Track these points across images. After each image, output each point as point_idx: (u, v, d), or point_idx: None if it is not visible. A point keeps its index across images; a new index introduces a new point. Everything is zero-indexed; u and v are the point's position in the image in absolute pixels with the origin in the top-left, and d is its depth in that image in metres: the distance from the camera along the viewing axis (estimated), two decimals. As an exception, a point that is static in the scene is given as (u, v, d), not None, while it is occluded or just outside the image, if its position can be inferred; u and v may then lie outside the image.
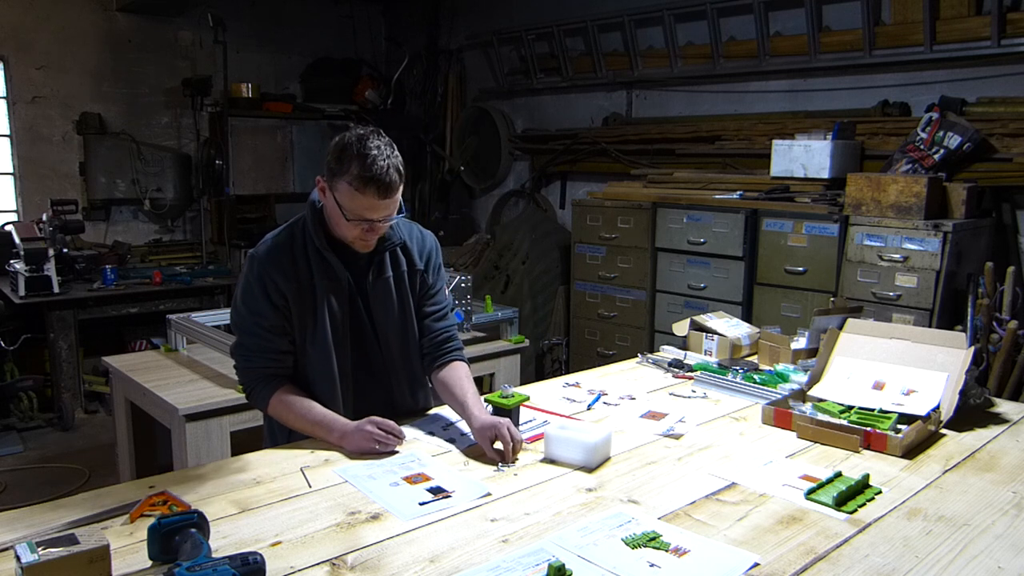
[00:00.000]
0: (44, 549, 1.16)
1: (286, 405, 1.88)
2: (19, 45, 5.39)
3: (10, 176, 5.54)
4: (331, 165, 1.79)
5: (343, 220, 1.80)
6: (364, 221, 1.80)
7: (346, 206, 1.78)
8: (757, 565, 1.32)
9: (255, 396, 1.93)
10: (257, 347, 1.89)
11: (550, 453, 1.78)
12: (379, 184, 1.74)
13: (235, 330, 1.94)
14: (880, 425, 1.89)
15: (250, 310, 1.88)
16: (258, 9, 6.40)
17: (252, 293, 1.86)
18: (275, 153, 6.48)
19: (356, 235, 1.84)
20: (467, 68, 6.41)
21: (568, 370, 4.75)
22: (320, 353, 1.91)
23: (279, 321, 1.88)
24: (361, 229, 1.82)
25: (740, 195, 3.98)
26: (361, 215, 1.78)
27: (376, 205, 1.77)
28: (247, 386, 1.94)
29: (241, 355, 1.93)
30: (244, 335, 1.91)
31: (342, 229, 1.84)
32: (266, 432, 2.08)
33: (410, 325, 2.03)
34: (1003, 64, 3.61)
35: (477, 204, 6.41)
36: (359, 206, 1.77)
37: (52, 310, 4.63)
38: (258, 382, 1.91)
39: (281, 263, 1.86)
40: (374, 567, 1.31)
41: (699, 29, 4.68)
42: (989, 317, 3.09)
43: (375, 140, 1.77)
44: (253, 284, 1.86)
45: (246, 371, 1.93)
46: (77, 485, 3.86)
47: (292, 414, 1.88)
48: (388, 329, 1.98)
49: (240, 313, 1.90)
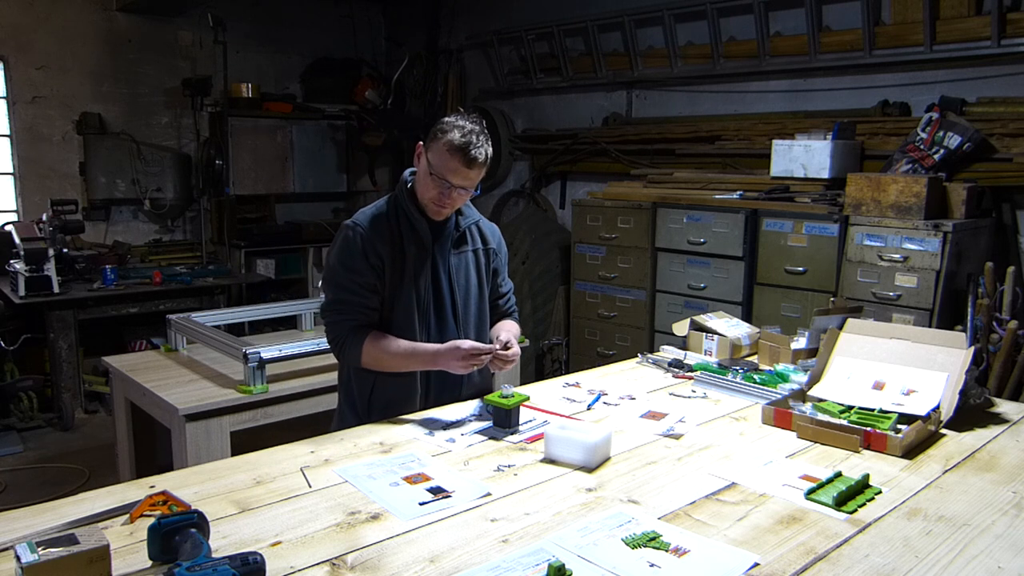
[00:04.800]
0: (44, 549, 1.16)
1: (378, 347, 2.06)
2: (19, 45, 5.39)
3: (10, 176, 5.54)
4: (433, 131, 2.02)
5: (428, 178, 2.02)
6: (444, 182, 2.00)
7: (434, 164, 2.00)
8: (757, 565, 1.32)
9: (347, 348, 2.08)
10: (352, 302, 2.07)
11: (550, 453, 1.78)
12: (467, 153, 1.97)
13: (330, 289, 2.10)
14: (880, 425, 1.89)
15: (348, 268, 2.06)
16: (258, 9, 6.40)
17: (352, 253, 2.06)
18: (275, 153, 6.48)
19: (433, 196, 2.04)
20: (467, 68, 6.41)
21: (568, 370, 4.75)
22: (404, 313, 2.09)
23: (373, 280, 2.06)
24: (439, 192, 2.02)
25: (740, 195, 3.99)
26: (444, 176, 1.99)
27: (459, 171, 1.99)
28: (338, 340, 2.09)
29: (335, 310, 2.09)
30: (341, 291, 2.08)
31: (424, 188, 2.06)
32: (338, 416, 2.23)
33: (484, 298, 2.25)
34: (1003, 64, 3.61)
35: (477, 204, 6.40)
36: (445, 167, 1.99)
37: (52, 310, 4.63)
38: (349, 334, 2.07)
39: (379, 228, 2.08)
40: (374, 567, 1.31)
41: (699, 29, 4.68)
42: (989, 317, 3.09)
43: (475, 124, 2.02)
44: (353, 246, 2.06)
45: (338, 324, 2.08)
46: (77, 485, 3.86)
47: (386, 352, 2.06)
48: (466, 298, 2.19)
49: (337, 272, 2.08)
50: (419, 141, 2.10)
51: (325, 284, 2.13)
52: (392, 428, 1.99)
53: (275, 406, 2.86)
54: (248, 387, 2.78)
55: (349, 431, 1.97)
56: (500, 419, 1.96)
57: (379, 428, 1.99)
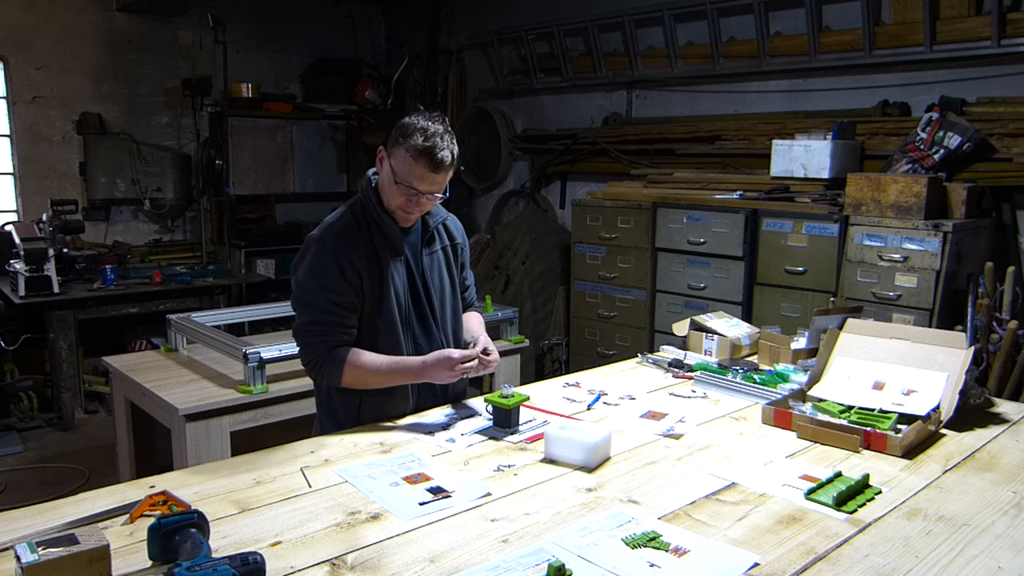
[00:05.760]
0: (44, 549, 1.16)
1: (359, 365, 1.96)
2: (19, 45, 5.39)
3: (10, 176, 5.54)
4: (395, 135, 1.93)
5: (393, 186, 1.93)
6: (411, 190, 1.92)
7: (398, 172, 1.91)
8: (757, 565, 1.32)
9: (326, 370, 1.97)
10: (330, 322, 1.96)
11: (550, 453, 1.78)
12: (432, 157, 1.88)
13: (304, 309, 1.98)
14: (880, 425, 1.89)
15: (323, 287, 1.94)
16: (258, 9, 6.40)
17: (326, 271, 1.94)
18: (275, 153, 6.48)
19: (400, 203, 1.96)
20: (467, 68, 6.41)
21: (568, 370, 4.75)
22: (388, 323, 2.01)
23: (352, 298, 1.96)
24: (406, 198, 1.94)
25: (740, 195, 3.98)
26: (410, 183, 1.91)
27: (425, 176, 1.90)
28: (315, 362, 1.97)
29: (311, 331, 1.97)
30: (316, 312, 1.96)
31: (389, 196, 1.97)
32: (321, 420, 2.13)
33: (457, 296, 2.19)
34: (1003, 64, 3.61)
35: (477, 204, 6.41)
36: (410, 174, 1.90)
37: (52, 310, 4.63)
38: (326, 356, 1.96)
39: (353, 241, 1.97)
40: (374, 567, 1.31)
41: (699, 29, 4.68)
42: (989, 317, 3.09)
43: (438, 124, 1.92)
44: (327, 263, 1.94)
45: (315, 346, 1.97)
46: (77, 485, 3.85)
47: (368, 370, 1.97)
48: (442, 298, 2.13)
49: (311, 292, 1.96)
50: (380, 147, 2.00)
51: (297, 304, 2.00)
52: (392, 428, 1.99)
53: (275, 406, 2.86)
54: (248, 387, 2.78)
55: (349, 431, 1.97)
56: (500, 419, 1.96)
57: (379, 428, 1.98)
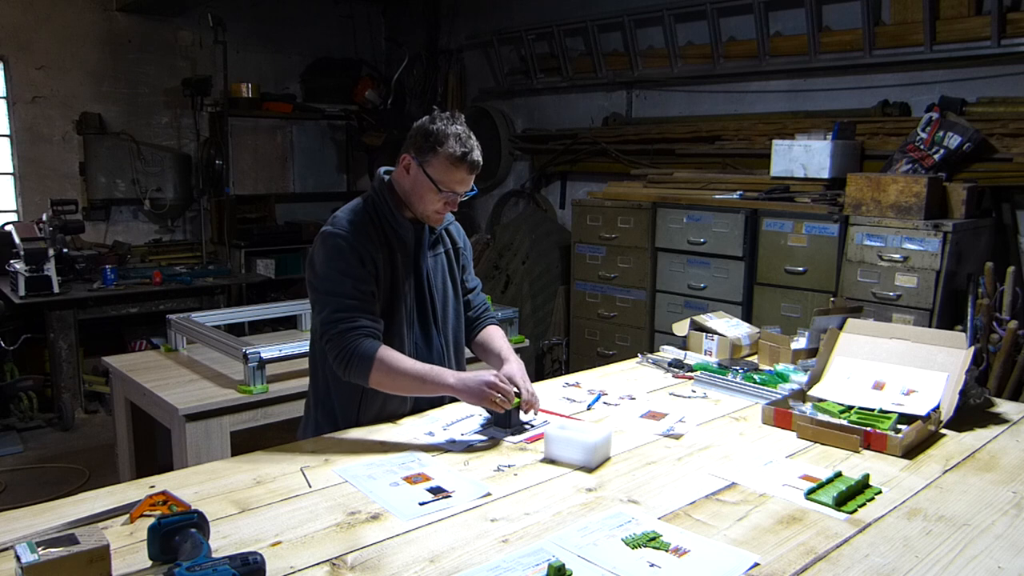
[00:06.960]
0: (44, 549, 1.16)
1: (390, 363, 1.87)
2: (19, 45, 5.39)
3: (10, 176, 5.54)
4: (421, 143, 1.93)
5: (431, 193, 1.93)
6: (453, 194, 1.95)
7: (440, 179, 1.92)
8: (757, 565, 1.32)
9: (353, 364, 1.86)
10: (357, 308, 1.89)
11: (550, 453, 1.78)
12: (471, 161, 1.92)
13: (327, 300, 1.90)
14: (880, 425, 1.89)
15: (347, 275, 1.89)
16: (258, 9, 6.40)
17: (346, 260, 1.90)
18: (275, 153, 6.48)
19: (437, 208, 1.97)
20: (467, 68, 6.41)
21: (568, 370, 4.75)
22: (395, 322, 1.99)
23: (373, 287, 1.93)
24: (443, 203, 1.96)
25: (740, 195, 3.99)
26: (452, 188, 1.93)
27: (465, 180, 1.95)
28: (345, 353, 1.86)
29: (337, 319, 1.88)
30: (341, 298, 1.88)
31: (425, 203, 1.96)
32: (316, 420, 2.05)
33: (459, 300, 2.16)
34: (1003, 64, 3.61)
35: (477, 204, 6.41)
36: (452, 179, 1.92)
37: (52, 310, 4.63)
38: (355, 347, 1.86)
39: (368, 233, 1.95)
40: (374, 567, 1.31)
41: (699, 29, 4.68)
42: (989, 317, 3.09)
43: (464, 126, 1.95)
44: (346, 251, 1.90)
45: (343, 335, 1.86)
46: (77, 485, 3.85)
47: (398, 372, 1.87)
48: (444, 302, 2.11)
49: (332, 280, 1.89)
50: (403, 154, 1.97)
51: (319, 296, 1.92)
52: (392, 428, 1.99)
53: (275, 406, 2.86)
54: (248, 387, 2.78)
55: (349, 431, 1.97)
56: (500, 419, 1.96)
57: (379, 428, 1.98)
